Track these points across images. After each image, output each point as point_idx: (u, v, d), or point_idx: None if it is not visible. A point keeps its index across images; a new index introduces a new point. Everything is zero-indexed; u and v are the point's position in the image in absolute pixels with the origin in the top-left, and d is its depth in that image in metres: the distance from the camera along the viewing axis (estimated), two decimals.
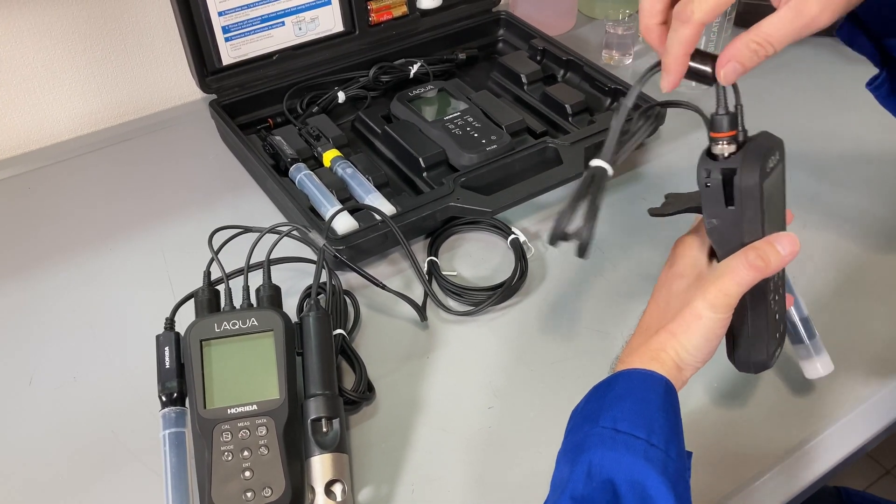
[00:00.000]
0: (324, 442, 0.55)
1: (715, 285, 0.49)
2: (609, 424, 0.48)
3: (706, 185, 0.50)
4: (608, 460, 0.47)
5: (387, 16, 0.95)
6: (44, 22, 0.85)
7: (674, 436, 0.48)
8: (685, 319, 0.50)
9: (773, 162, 0.49)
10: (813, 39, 1.05)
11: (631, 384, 0.50)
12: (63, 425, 0.61)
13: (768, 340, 0.53)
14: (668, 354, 0.51)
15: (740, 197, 0.48)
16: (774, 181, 0.50)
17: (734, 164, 0.48)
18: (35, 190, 0.84)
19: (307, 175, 0.77)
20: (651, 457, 0.46)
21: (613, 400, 0.50)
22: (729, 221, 0.50)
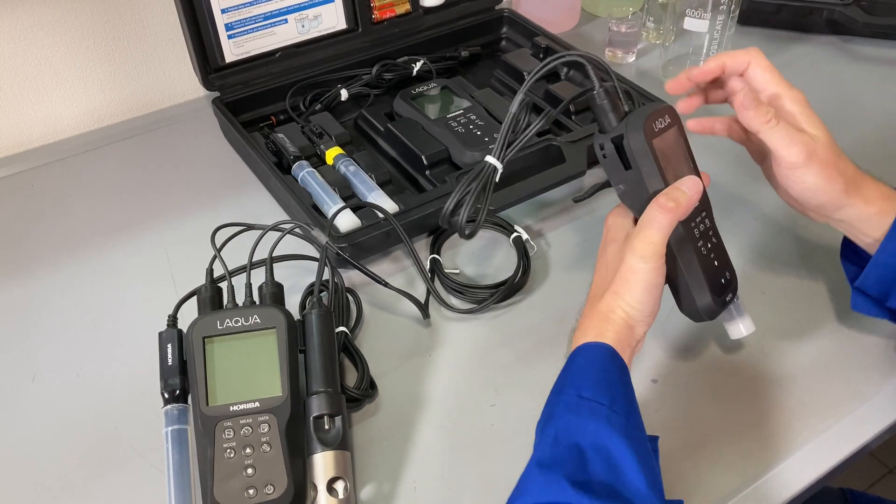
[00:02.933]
0: (326, 439, 0.55)
1: (638, 237, 0.53)
2: (574, 392, 0.50)
3: (604, 157, 0.56)
4: (573, 425, 0.49)
5: (390, 13, 0.95)
6: (47, 19, 0.85)
7: (631, 405, 0.51)
8: (623, 277, 0.54)
9: (662, 123, 0.55)
10: (817, 38, 1.05)
11: (590, 357, 0.53)
12: (66, 422, 0.61)
13: (709, 286, 0.57)
14: (617, 315, 0.54)
15: (633, 156, 0.54)
16: (667, 140, 0.55)
17: (621, 130, 0.54)
18: (38, 187, 0.84)
19: (310, 173, 0.77)
20: (614, 422, 0.48)
21: (576, 371, 0.52)
22: (632, 182, 0.55)
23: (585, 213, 0.78)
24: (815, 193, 0.57)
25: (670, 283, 0.58)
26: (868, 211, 0.57)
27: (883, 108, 0.93)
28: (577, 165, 0.78)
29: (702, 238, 0.57)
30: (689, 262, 0.56)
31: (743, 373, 0.63)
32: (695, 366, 0.64)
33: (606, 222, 0.59)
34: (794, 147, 0.56)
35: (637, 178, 0.54)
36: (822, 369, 0.63)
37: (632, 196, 0.56)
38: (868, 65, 1.00)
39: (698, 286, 0.56)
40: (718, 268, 0.58)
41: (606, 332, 0.53)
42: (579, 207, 0.79)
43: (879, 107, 0.93)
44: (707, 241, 0.57)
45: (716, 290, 0.57)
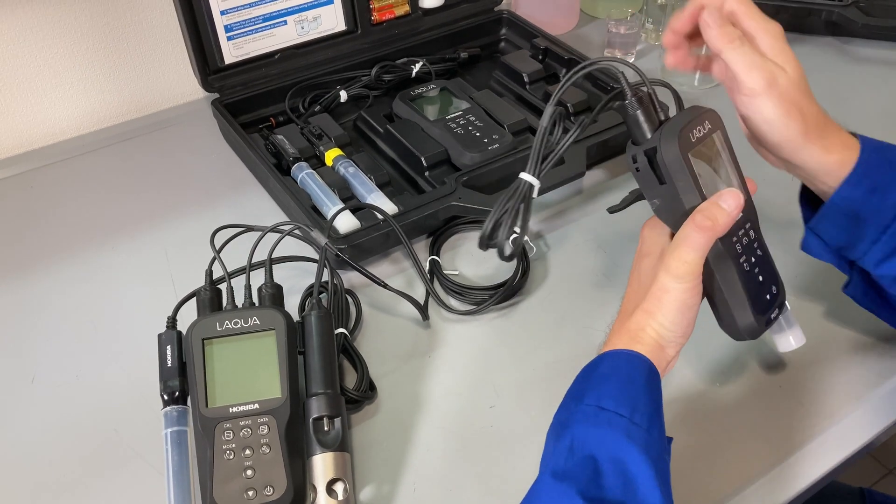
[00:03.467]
0: (325, 441, 0.55)
1: (672, 255, 0.50)
2: (593, 402, 0.49)
3: (636, 170, 0.52)
4: (591, 436, 0.47)
5: (389, 15, 0.95)
6: (46, 20, 0.85)
7: (656, 417, 0.49)
8: (655, 296, 0.51)
9: (701, 132, 0.51)
10: (816, 40, 1.05)
11: (616, 364, 0.51)
12: (65, 424, 0.61)
13: (751, 304, 0.53)
14: (647, 334, 0.51)
15: (667, 171, 0.50)
16: (707, 150, 0.52)
17: (654, 143, 0.51)
18: (37, 188, 0.84)
19: (309, 174, 0.77)
20: (633, 435, 0.47)
21: (598, 379, 0.50)
22: (668, 197, 0.51)
23: (584, 214, 0.78)
24: (771, 127, 0.53)
25: (709, 299, 0.55)
26: (827, 159, 0.54)
27: (882, 109, 0.93)
28: (577, 167, 0.78)
29: (745, 252, 0.53)
30: (730, 279, 0.52)
31: (743, 374, 0.63)
32: (695, 367, 0.64)
33: (642, 234, 0.56)
34: (753, 72, 0.52)
35: (672, 193, 0.51)
36: (821, 371, 0.63)
37: (667, 211, 0.52)
38: (867, 66, 1.01)
39: (739, 305, 0.53)
40: (763, 283, 0.54)
41: (636, 349, 0.51)
42: (579, 209, 0.79)
43: (878, 108, 0.93)
44: (751, 254, 0.53)
45: (759, 308, 0.54)
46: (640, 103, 0.52)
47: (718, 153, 0.53)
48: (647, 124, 0.52)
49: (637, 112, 0.52)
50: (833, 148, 0.55)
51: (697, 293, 0.51)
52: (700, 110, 0.52)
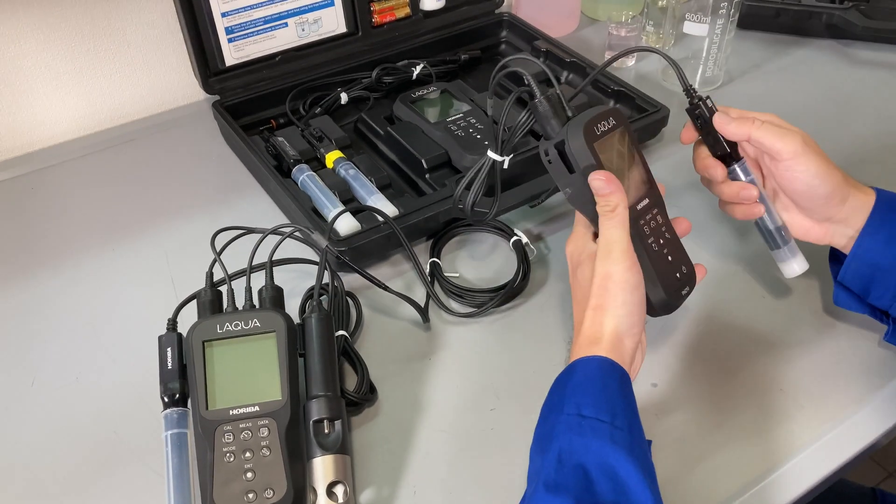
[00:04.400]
0: (326, 443, 0.55)
1: (601, 242, 0.54)
2: (573, 411, 0.50)
3: (549, 163, 0.57)
4: (577, 445, 0.48)
5: (390, 17, 0.95)
6: (46, 22, 0.85)
7: (634, 418, 0.50)
8: (600, 287, 0.53)
9: (606, 126, 0.56)
10: (817, 42, 1.05)
11: (587, 372, 0.52)
12: (65, 426, 0.61)
13: (661, 282, 0.57)
14: (604, 330, 0.53)
15: (574, 160, 0.55)
16: (612, 142, 0.56)
17: (563, 136, 0.55)
18: (37, 191, 0.84)
19: (310, 176, 0.77)
20: (617, 439, 0.48)
21: (574, 388, 0.51)
22: (578, 185, 0.56)
23: None
24: (822, 180, 0.57)
25: None
26: (868, 201, 0.58)
27: (882, 112, 0.93)
28: None
29: (653, 234, 0.58)
30: (640, 258, 0.56)
31: (743, 377, 0.63)
32: (695, 370, 0.64)
33: (567, 254, 0.60)
34: (787, 137, 0.56)
35: (581, 180, 0.55)
36: (822, 373, 0.63)
37: (579, 199, 0.56)
38: (867, 68, 1.01)
39: (651, 282, 0.57)
40: (672, 262, 0.58)
41: (597, 352, 0.52)
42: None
43: (878, 110, 0.93)
44: (659, 237, 0.58)
45: (670, 286, 0.57)
46: (549, 101, 0.57)
47: (623, 144, 0.57)
48: (556, 120, 0.57)
49: (546, 110, 0.57)
50: (867, 191, 0.59)
51: (638, 272, 0.54)
52: (605, 107, 0.57)
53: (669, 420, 0.60)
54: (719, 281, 0.71)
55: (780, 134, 0.57)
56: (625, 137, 0.57)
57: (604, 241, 0.54)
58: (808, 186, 0.58)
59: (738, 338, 0.66)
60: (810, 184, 0.58)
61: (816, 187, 0.58)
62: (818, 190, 0.58)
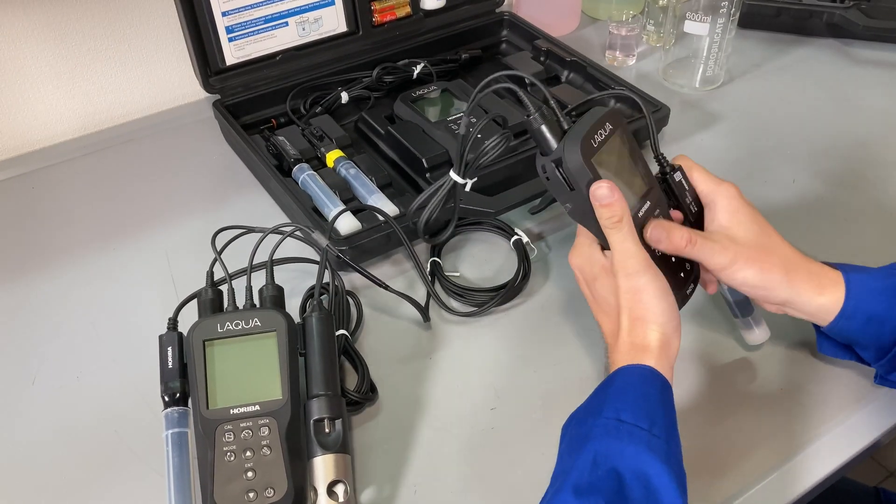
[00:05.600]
0: (326, 442, 0.55)
1: (617, 261, 0.53)
2: (612, 415, 0.49)
3: (547, 180, 0.55)
4: (613, 449, 0.48)
5: (390, 16, 0.95)
6: (47, 22, 0.85)
7: (672, 429, 0.50)
8: (633, 301, 0.53)
9: (603, 134, 0.54)
10: (817, 41, 1.05)
11: (630, 379, 0.52)
12: (66, 425, 0.61)
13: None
14: (651, 339, 0.53)
15: (573, 178, 0.53)
16: (610, 150, 0.54)
17: (559, 153, 0.53)
18: (38, 190, 0.84)
19: (310, 175, 0.77)
20: (654, 447, 0.47)
21: (615, 394, 0.51)
22: (578, 201, 0.54)
23: None
24: (755, 286, 0.56)
25: None
26: (821, 300, 0.56)
27: (883, 111, 0.93)
28: None
29: None
30: None
31: (744, 377, 0.63)
32: (696, 370, 0.64)
33: (574, 267, 0.59)
34: (715, 255, 0.56)
35: (581, 197, 0.53)
36: (822, 372, 0.63)
37: (580, 214, 0.55)
38: (868, 68, 1.01)
39: None
40: (677, 262, 0.58)
41: (647, 360, 0.52)
42: None
43: (879, 109, 0.93)
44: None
45: (675, 286, 0.56)
46: (543, 118, 0.54)
47: (622, 150, 0.56)
48: (552, 136, 0.54)
49: (541, 126, 0.54)
50: (826, 288, 0.56)
51: (662, 276, 0.54)
52: (601, 112, 0.55)
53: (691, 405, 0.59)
54: None
55: (708, 252, 0.56)
56: (623, 140, 0.56)
57: (619, 256, 0.53)
58: (751, 293, 0.58)
59: (739, 337, 0.65)
60: (750, 291, 0.58)
61: (756, 291, 0.57)
62: (759, 293, 0.57)
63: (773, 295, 0.57)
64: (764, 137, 0.89)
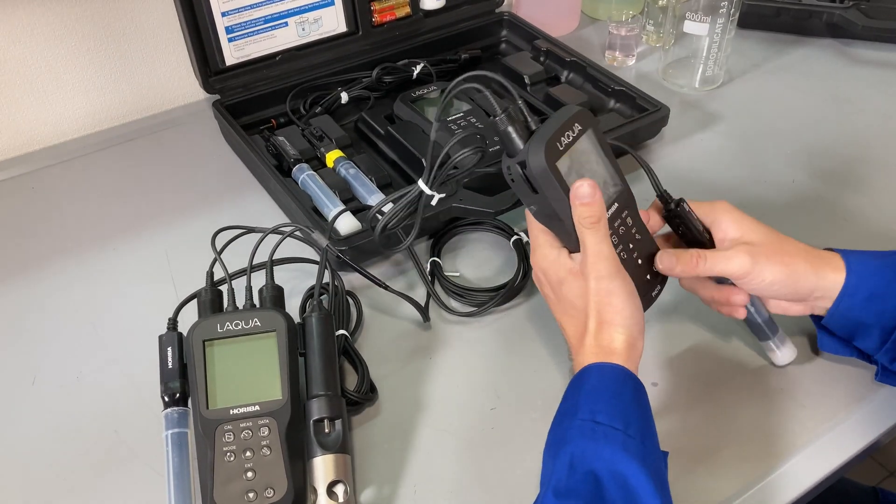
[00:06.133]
0: (326, 443, 0.55)
1: (590, 262, 0.53)
2: (588, 417, 0.50)
3: (512, 181, 0.54)
4: (589, 451, 0.48)
5: (390, 16, 0.95)
6: (47, 22, 0.85)
7: (647, 428, 0.50)
8: (603, 303, 0.53)
9: (570, 137, 0.53)
10: (817, 41, 1.05)
11: (602, 379, 0.52)
12: (66, 425, 0.61)
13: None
14: (617, 341, 0.53)
15: (537, 183, 0.52)
16: (577, 152, 0.53)
17: (524, 156, 0.52)
18: (38, 190, 0.84)
19: (310, 175, 0.77)
20: (629, 447, 0.48)
21: (589, 393, 0.51)
22: (544, 203, 0.54)
23: None
24: (781, 285, 0.57)
25: None
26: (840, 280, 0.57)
27: (882, 111, 0.93)
28: None
29: (622, 242, 0.56)
30: None
31: (743, 376, 0.63)
32: (696, 369, 0.64)
33: (538, 269, 0.57)
34: (732, 261, 0.56)
35: (545, 201, 0.53)
36: (821, 372, 0.63)
37: (544, 216, 0.55)
38: (867, 67, 1.01)
39: None
40: (642, 266, 0.58)
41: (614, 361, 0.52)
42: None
43: (879, 109, 0.93)
44: (629, 241, 0.57)
45: (640, 289, 0.55)
46: (510, 119, 0.53)
47: (590, 151, 0.55)
48: (518, 137, 0.53)
49: (507, 127, 0.53)
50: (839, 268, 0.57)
51: (629, 279, 0.54)
52: (571, 112, 0.53)
53: (670, 419, 0.60)
54: None
55: (723, 261, 0.56)
56: (593, 141, 0.55)
57: (592, 259, 0.53)
58: (770, 292, 0.58)
59: (739, 337, 0.66)
60: (770, 290, 0.58)
61: (777, 291, 0.57)
62: (780, 292, 0.58)
63: (801, 286, 0.57)
64: (763, 137, 0.89)
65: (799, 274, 0.56)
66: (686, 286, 0.62)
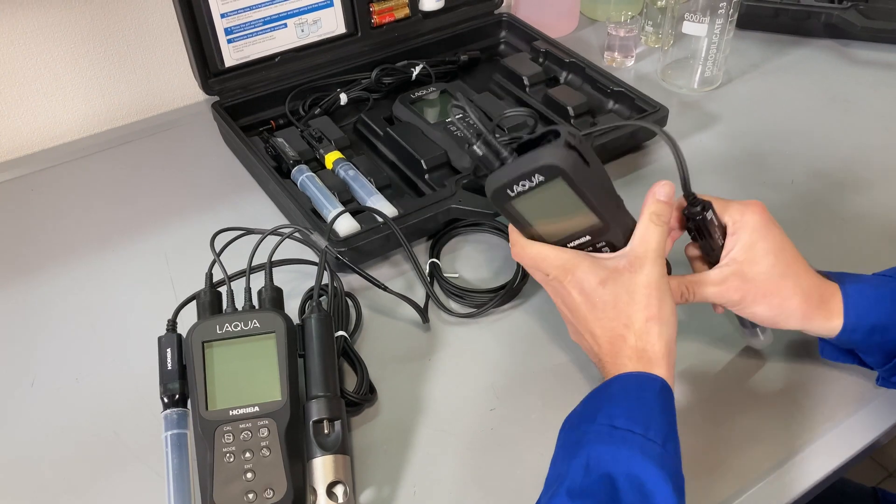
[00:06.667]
0: (325, 444, 0.55)
1: (651, 256, 0.53)
2: (606, 421, 0.49)
3: None
4: (606, 454, 0.47)
5: (389, 18, 0.95)
6: (47, 23, 0.85)
7: (670, 432, 0.49)
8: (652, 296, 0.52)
9: (525, 186, 0.51)
10: (816, 42, 1.05)
11: (626, 385, 0.51)
12: (65, 426, 0.61)
13: None
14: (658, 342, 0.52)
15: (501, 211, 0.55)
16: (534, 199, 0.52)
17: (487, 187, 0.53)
18: (38, 192, 0.84)
19: (309, 177, 0.77)
20: (648, 451, 0.47)
21: (609, 399, 0.51)
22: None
23: None
24: (770, 321, 0.57)
25: None
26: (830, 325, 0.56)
27: (881, 111, 0.93)
28: None
29: None
30: None
31: (742, 377, 0.63)
32: (694, 371, 0.64)
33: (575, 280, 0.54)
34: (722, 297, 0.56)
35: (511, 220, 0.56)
36: (820, 372, 0.63)
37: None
38: (866, 68, 1.01)
39: None
40: None
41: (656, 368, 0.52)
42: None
43: (877, 110, 0.94)
44: None
45: None
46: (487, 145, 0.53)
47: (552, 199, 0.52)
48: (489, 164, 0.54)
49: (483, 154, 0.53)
50: (834, 313, 0.56)
51: None
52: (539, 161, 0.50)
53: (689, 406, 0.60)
54: None
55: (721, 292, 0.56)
56: (560, 191, 0.51)
57: (654, 253, 0.53)
58: (764, 322, 0.58)
59: (738, 340, 0.66)
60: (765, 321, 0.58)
61: (772, 322, 0.57)
62: (781, 324, 0.57)
63: (785, 325, 0.57)
64: (762, 138, 0.89)
65: (789, 317, 0.56)
66: None
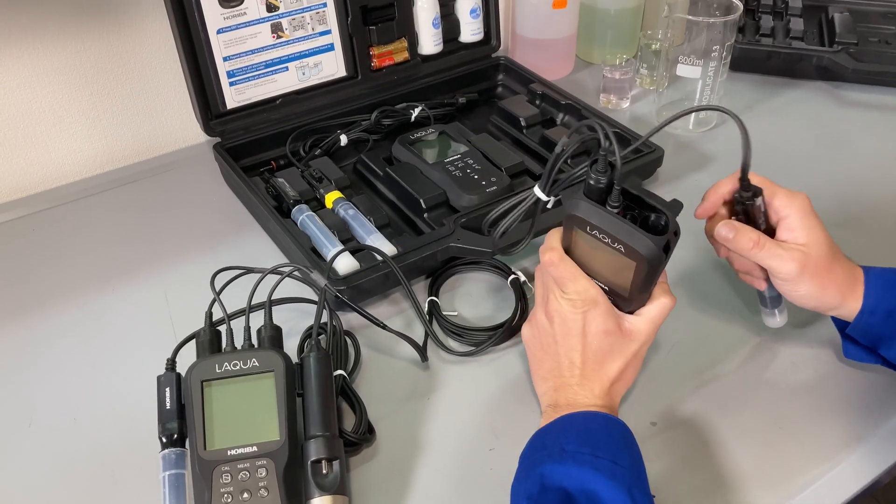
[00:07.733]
0: (324, 484, 0.54)
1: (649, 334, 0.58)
2: (556, 447, 0.51)
3: None
4: (558, 472, 0.50)
5: (388, 61, 0.97)
6: (50, 65, 0.86)
7: (619, 451, 0.51)
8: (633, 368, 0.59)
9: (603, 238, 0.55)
10: (808, 84, 1.07)
11: (572, 420, 0.54)
12: (63, 466, 0.61)
13: None
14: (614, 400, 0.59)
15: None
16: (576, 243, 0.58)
17: None
18: (39, 231, 0.85)
19: (309, 216, 0.78)
20: (600, 467, 0.49)
21: (557, 432, 0.54)
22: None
23: None
24: (809, 300, 0.59)
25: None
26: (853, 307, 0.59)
27: (872, 152, 0.94)
28: None
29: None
30: None
31: (743, 414, 0.63)
32: (694, 407, 0.63)
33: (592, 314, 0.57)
34: (785, 263, 0.58)
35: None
36: (821, 411, 0.63)
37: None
38: (857, 109, 1.02)
39: None
40: None
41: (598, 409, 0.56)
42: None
43: (869, 150, 0.95)
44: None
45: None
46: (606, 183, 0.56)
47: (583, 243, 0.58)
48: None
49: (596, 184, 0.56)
50: (857, 295, 0.59)
51: None
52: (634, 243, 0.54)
53: (667, 459, 0.60)
54: (717, 321, 0.71)
55: (777, 258, 0.58)
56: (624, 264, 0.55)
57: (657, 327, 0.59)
58: (794, 298, 0.60)
59: (737, 377, 0.66)
60: (797, 298, 0.60)
61: (802, 302, 0.60)
62: (804, 303, 0.60)
63: (825, 307, 0.60)
64: None
65: (828, 297, 0.59)
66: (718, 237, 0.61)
